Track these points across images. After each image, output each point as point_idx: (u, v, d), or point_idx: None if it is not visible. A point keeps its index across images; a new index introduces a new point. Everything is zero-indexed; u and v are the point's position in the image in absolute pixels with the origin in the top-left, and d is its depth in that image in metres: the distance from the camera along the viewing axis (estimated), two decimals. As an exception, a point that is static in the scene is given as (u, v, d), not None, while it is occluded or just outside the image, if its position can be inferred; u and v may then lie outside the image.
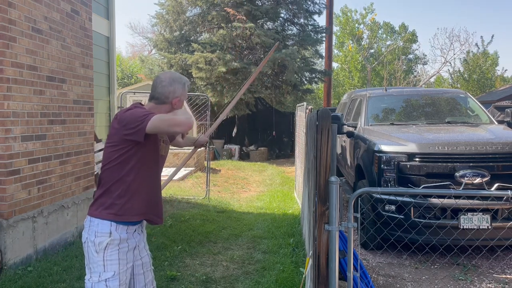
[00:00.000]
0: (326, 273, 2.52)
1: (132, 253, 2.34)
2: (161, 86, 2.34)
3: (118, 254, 2.25)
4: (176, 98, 2.35)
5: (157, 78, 2.39)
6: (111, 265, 2.23)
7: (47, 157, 4.60)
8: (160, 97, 2.34)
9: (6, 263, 4.00)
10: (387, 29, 31.93)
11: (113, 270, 2.23)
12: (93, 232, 2.24)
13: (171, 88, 2.34)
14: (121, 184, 2.24)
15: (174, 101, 2.35)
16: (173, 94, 2.34)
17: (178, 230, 5.63)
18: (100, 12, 6.62)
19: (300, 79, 15.94)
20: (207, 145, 8.78)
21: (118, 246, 2.25)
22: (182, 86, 2.38)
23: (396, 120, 6.15)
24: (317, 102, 27.75)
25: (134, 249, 2.35)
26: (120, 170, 2.24)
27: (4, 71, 3.96)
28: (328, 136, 2.52)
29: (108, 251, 2.22)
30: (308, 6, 16.07)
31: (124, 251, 2.27)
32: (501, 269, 4.53)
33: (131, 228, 2.32)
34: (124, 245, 2.28)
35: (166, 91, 2.33)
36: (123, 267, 2.27)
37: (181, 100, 2.39)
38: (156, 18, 16.23)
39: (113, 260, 2.23)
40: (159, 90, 2.34)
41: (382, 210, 4.65)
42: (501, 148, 4.62)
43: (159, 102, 2.34)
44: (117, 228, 2.25)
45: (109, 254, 2.22)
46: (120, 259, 2.25)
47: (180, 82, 2.38)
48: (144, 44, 37.59)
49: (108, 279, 2.21)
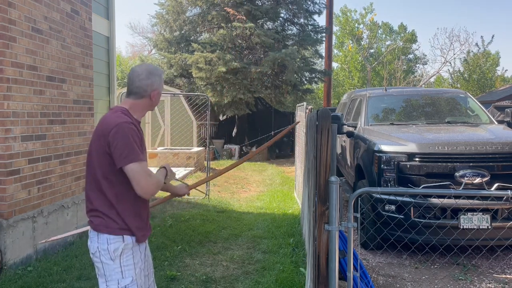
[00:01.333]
0: (326, 273, 2.52)
1: (145, 255, 2.33)
2: (139, 80, 2.24)
3: (133, 258, 2.21)
4: (155, 90, 2.27)
5: (133, 71, 2.28)
6: (129, 271, 2.19)
7: (47, 157, 4.60)
8: (139, 91, 2.25)
9: (6, 263, 4.00)
10: (386, 29, 31.94)
11: (131, 276, 2.19)
12: (105, 240, 2.16)
13: (149, 81, 2.25)
14: (127, 201, 2.18)
15: (152, 94, 2.27)
16: (151, 87, 2.26)
17: (178, 230, 5.64)
18: (100, 12, 6.62)
19: (300, 79, 15.94)
20: (208, 146, 8.78)
21: (131, 250, 2.21)
22: (159, 78, 2.30)
23: (396, 120, 6.15)
24: (317, 102, 27.75)
25: (143, 251, 2.32)
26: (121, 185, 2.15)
27: (4, 71, 3.96)
28: (328, 136, 2.52)
29: (124, 256, 2.17)
30: (308, 6, 16.07)
31: (137, 254, 2.24)
32: (501, 269, 4.53)
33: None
34: (136, 248, 2.24)
35: (144, 84, 2.24)
36: (139, 271, 2.24)
37: (159, 92, 2.31)
38: (156, 18, 16.23)
39: (129, 265, 2.19)
40: (137, 84, 2.24)
41: (382, 210, 4.65)
42: (501, 148, 4.62)
43: (138, 96, 2.26)
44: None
45: (125, 259, 2.18)
46: (135, 263, 2.22)
47: (157, 74, 2.29)
48: (144, 44, 37.59)
49: (128, 285, 2.17)
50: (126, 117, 2.19)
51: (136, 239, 2.21)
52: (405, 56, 30.70)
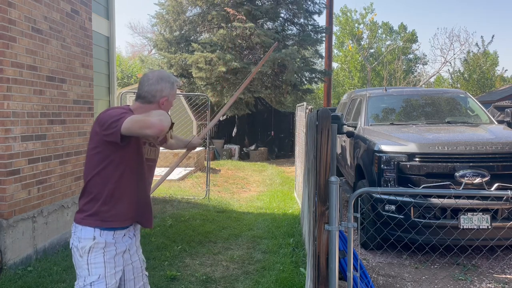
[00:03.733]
0: (326, 273, 2.52)
1: (122, 257, 2.26)
2: (148, 85, 2.21)
3: (104, 257, 2.17)
4: (164, 97, 2.23)
5: (145, 76, 2.27)
6: (96, 269, 2.15)
7: (47, 157, 4.60)
8: (147, 96, 2.21)
9: (6, 263, 4.00)
10: (386, 29, 31.94)
11: (98, 274, 2.15)
12: (77, 238, 2.18)
13: (158, 86, 2.21)
14: (105, 190, 2.16)
15: (161, 100, 2.23)
16: (161, 93, 2.22)
17: (178, 230, 5.64)
18: (100, 12, 6.62)
19: (300, 79, 15.94)
20: (208, 146, 8.77)
21: (103, 250, 2.17)
22: (170, 85, 2.25)
23: (396, 120, 6.15)
24: (317, 102, 27.76)
25: (123, 253, 2.27)
26: (103, 176, 2.16)
27: (4, 71, 3.96)
28: (328, 136, 2.52)
29: (92, 254, 2.15)
30: (308, 6, 16.07)
31: (111, 254, 2.19)
32: (501, 269, 4.53)
33: (119, 232, 2.24)
34: (111, 249, 2.20)
35: (153, 89, 2.21)
36: (110, 270, 2.18)
37: (169, 100, 2.27)
38: (156, 18, 16.23)
39: (98, 263, 2.16)
40: (146, 88, 2.21)
41: (382, 210, 4.65)
42: (501, 148, 4.62)
43: (146, 101, 2.22)
44: (101, 234, 2.18)
45: (93, 257, 2.15)
46: (106, 262, 2.17)
47: (168, 81, 2.24)
48: (144, 44, 37.61)
49: (93, 282, 2.14)
50: (123, 109, 2.15)
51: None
52: (405, 56, 30.70)
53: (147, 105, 2.22)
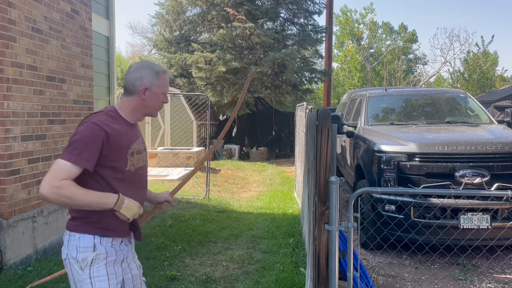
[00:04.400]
0: (326, 273, 2.52)
1: (120, 266, 2.08)
2: (128, 73, 2.04)
3: (106, 268, 2.00)
4: (143, 86, 2.00)
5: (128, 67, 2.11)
6: (100, 282, 1.97)
7: (47, 157, 4.60)
8: (127, 86, 2.03)
9: (6, 263, 4.00)
10: (386, 29, 31.95)
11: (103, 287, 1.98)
12: (74, 248, 2.00)
13: (137, 74, 2.01)
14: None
15: (140, 89, 2.00)
16: (140, 82, 2.00)
17: (178, 230, 5.64)
18: (100, 12, 6.61)
19: (300, 79, 15.94)
20: (207, 146, 8.77)
21: (105, 260, 2.00)
22: (153, 73, 2.02)
23: (396, 120, 6.15)
24: (317, 102, 27.75)
25: (122, 262, 2.10)
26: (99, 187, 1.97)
27: (4, 71, 3.96)
28: (328, 136, 2.52)
29: (94, 266, 1.97)
30: (308, 6, 16.07)
31: (112, 264, 2.03)
32: (501, 269, 4.53)
33: (117, 240, 2.08)
34: (112, 259, 2.03)
35: (132, 77, 2.01)
36: (114, 281, 2.01)
37: (154, 91, 2.03)
38: (156, 18, 16.22)
39: (101, 276, 1.98)
40: (126, 77, 2.04)
41: (382, 210, 4.65)
42: (501, 148, 4.62)
43: (128, 93, 2.04)
44: (101, 241, 2.00)
45: (96, 269, 1.98)
46: (109, 273, 2.00)
47: (150, 68, 2.02)
48: (144, 44, 37.57)
49: None
50: (103, 117, 1.98)
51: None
52: (405, 56, 30.70)
53: (130, 97, 2.05)
